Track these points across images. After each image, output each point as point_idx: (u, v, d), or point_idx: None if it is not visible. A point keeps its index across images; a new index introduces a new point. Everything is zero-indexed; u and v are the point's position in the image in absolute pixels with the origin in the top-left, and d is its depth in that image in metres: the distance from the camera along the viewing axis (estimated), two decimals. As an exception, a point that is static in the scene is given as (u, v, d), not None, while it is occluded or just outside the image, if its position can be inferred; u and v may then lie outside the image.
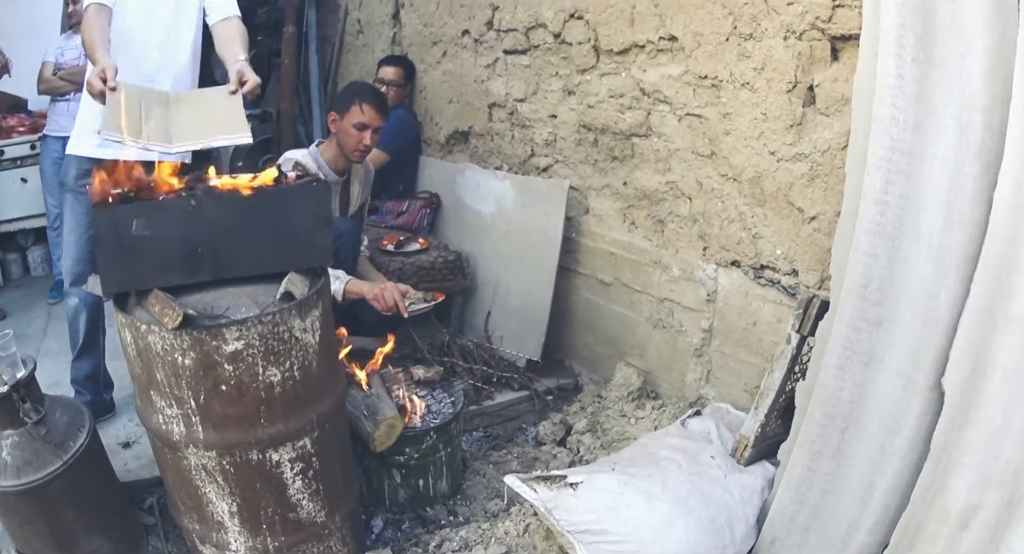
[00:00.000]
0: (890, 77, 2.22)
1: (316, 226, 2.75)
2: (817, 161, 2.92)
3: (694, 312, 3.61)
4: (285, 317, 2.47)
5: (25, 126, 7.08)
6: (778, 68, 3.02)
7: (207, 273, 2.65)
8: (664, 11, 3.51)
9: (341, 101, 4.03)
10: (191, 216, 2.62)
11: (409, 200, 5.44)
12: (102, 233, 2.59)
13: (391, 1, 6.41)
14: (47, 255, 7.25)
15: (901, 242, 2.22)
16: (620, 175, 3.98)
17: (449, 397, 3.45)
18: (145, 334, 2.44)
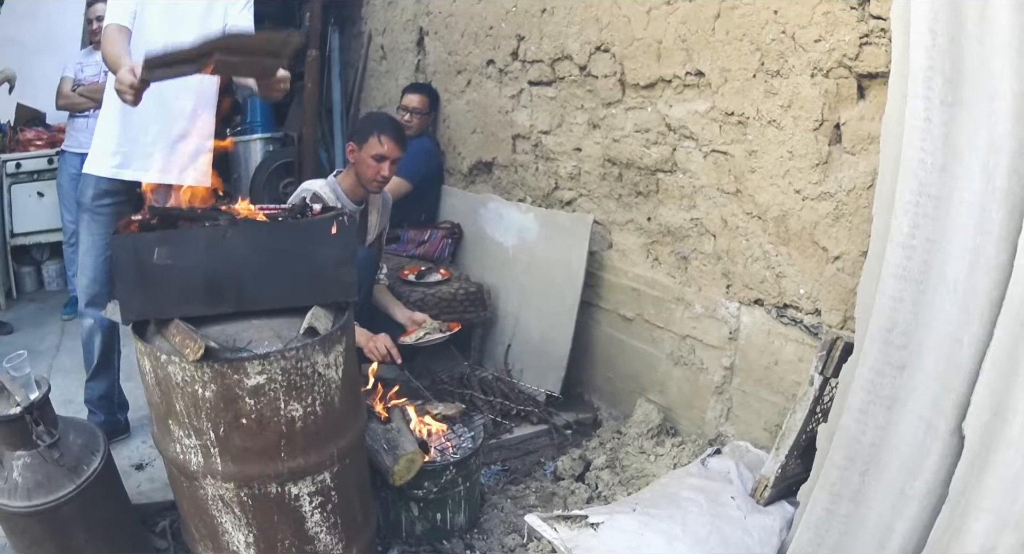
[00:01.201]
0: (918, 120, 2.26)
1: (341, 261, 2.79)
2: (842, 200, 2.95)
3: (716, 350, 3.64)
4: (308, 352, 2.51)
5: (43, 140, 7.22)
6: (805, 106, 3.06)
7: (229, 305, 2.70)
8: (691, 46, 3.56)
9: (359, 131, 4.10)
10: (215, 247, 2.67)
11: (431, 229, 5.50)
12: (122, 260, 2.63)
13: (415, 28, 6.50)
14: (62, 270, 7.30)
15: (927, 286, 2.26)
16: (644, 210, 4.02)
17: (469, 432, 3.49)
18: (165, 364, 2.48)
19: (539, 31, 4.68)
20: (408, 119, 5.67)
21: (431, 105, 5.92)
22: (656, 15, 3.75)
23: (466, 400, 4.08)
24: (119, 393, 4.19)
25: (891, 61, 2.52)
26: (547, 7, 4.60)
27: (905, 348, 2.30)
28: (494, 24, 5.20)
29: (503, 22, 5.07)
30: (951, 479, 2.20)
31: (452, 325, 4.17)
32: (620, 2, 3.98)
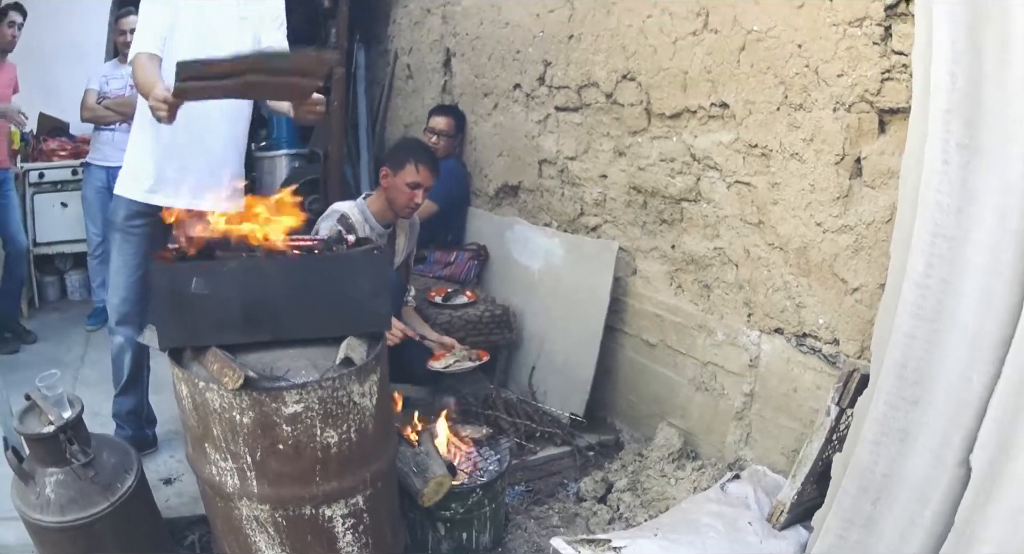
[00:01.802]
0: (936, 162, 2.36)
1: (375, 292, 2.91)
2: (862, 233, 3.06)
3: (736, 376, 3.74)
4: (344, 382, 2.63)
5: (67, 150, 7.32)
6: (827, 140, 3.16)
7: (266, 333, 2.82)
8: (716, 77, 3.66)
9: (395, 157, 4.21)
10: (251, 278, 2.80)
11: (457, 251, 5.61)
12: (161, 289, 2.76)
13: (442, 49, 6.62)
14: (86, 280, 7.37)
15: (940, 325, 2.36)
16: (668, 238, 4.13)
17: (495, 454, 3.61)
18: (203, 391, 2.60)
19: (566, 57, 4.79)
20: (435, 141, 5.78)
21: (458, 127, 6.02)
22: (682, 46, 3.86)
23: (491, 421, 4.19)
24: (147, 408, 4.29)
25: (911, 97, 2.63)
26: (574, 34, 4.70)
27: (918, 384, 2.41)
28: (521, 48, 5.31)
29: (530, 47, 5.18)
30: (957, 509, 2.30)
31: (481, 354, 4.28)
32: (646, 31, 4.08)
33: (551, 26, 4.95)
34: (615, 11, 4.34)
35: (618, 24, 4.32)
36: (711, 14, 3.69)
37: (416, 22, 7.33)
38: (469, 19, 6.14)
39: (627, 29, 4.25)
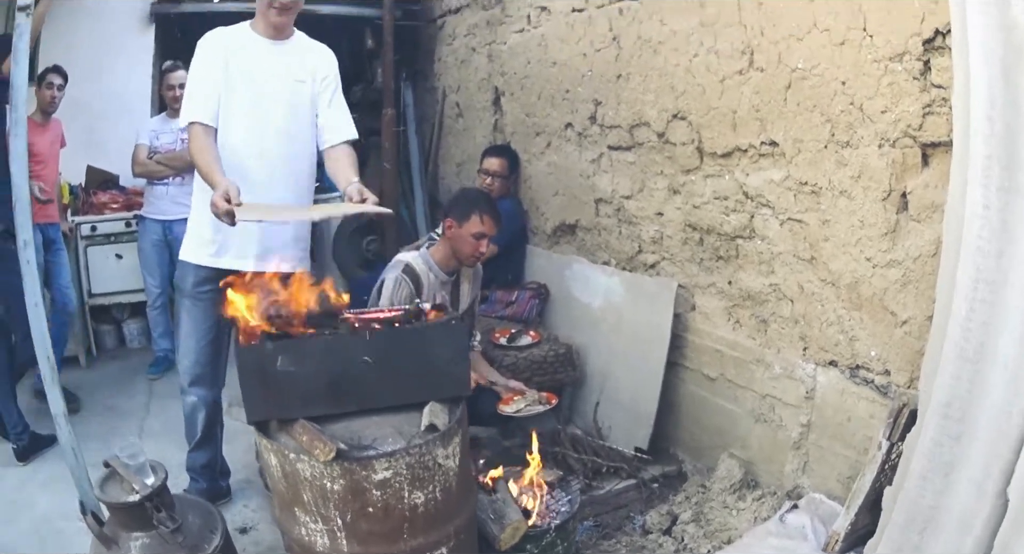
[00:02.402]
0: (977, 207, 2.58)
1: (455, 359, 3.16)
2: (910, 268, 3.28)
3: (794, 408, 3.96)
4: (430, 448, 2.88)
5: (118, 203, 7.44)
6: (873, 176, 3.38)
7: (351, 404, 3.08)
8: (765, 116, 3.90)
9: (459, 208, 4.40)
10: (335, 354, 3.04)
11: (518, 290, 5.86)
12: (247, 368, 3.00)
13: (491, 88, 6.89)
14: (144, 328, 7.56)
15: (982, 366, 2.59)
16: (725, 274, 4.37)
17: (566, 496, 3.84)
18: (293, 461, 2.85)
19: (616, 97, 5.04)
20: (489, 183, 6.03)
21: (511, 167, 6.25)
22: (729, 85, 4.10)
23: (559, 458, 4.45)
24: (221, 461, 4.52)
25: (952, 131, 2.86)
26: (622, 73, 4.95)
27: (961, 421, 2.65)
28: (570, 88, 5.57)
29: (579, 86, 5.45)
30: (995, 536, 2.54)
31: (550, 398, 4.48)
32: (694, 71, 4.33)
33: (599, 65, 5.21)
34: (662, 50, 4.57)
35: (665, 63, 4.55)
36: (756, 53, 3.92)
37: (462, 61, 7.58)
38: (516, 58, 6.41)
39: (675, 68, 4.48)
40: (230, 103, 3.99)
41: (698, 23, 4.28)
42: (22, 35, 3.62)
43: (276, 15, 3.95)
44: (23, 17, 3.60)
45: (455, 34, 7.92)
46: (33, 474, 5.03)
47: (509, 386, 4.58)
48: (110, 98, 7.87)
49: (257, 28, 4.06)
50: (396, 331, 3.16)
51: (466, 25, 7.60)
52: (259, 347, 3.01)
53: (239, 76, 3.99)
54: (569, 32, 5.57)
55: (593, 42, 5.28)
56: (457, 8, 7.81)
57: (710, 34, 4.21)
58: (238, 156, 3.97)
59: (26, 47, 3.64)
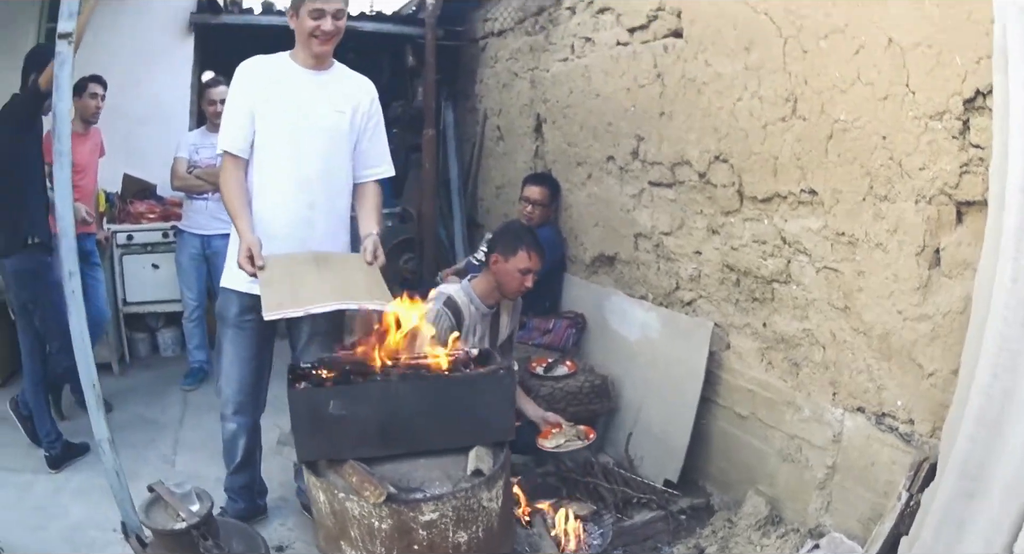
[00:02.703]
0: (1006, 279, 2.73)
1: (501, 407, 3.38)
2: (939, 322, 3.42)
3: (820, 450, 4.12)
4: (476, 491, 3.09)
5: (155, 213, 7.62)
6: (909, 231, 3.52)
7: (400, 447, 3.29)
8: (806, 165, 4.05)
9: (505, 244, 4.59)
10: (386, 398, 3.25)
11: (555, 319, 6.04)
12: (300, 410, 3.20)
13: (533, 114, 7.09)
14: (178, 337, 7.77)
15: (1000, 430, 2.77)
16: (760, 316, 4.56)
17: (599, 529, 4.07)
18: (342, 500, 3.07)
19: (659, 134, 5.22)
20: (530, 211, 6.23)
21: (552, 196, 6.43)
22: (772, 131, 4.25)
23: (591, 488, 4.62)
24: (260, 482, 4.69)
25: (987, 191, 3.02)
26: (666, 111, 5.13)
27: (976, 480, 2.83)
28: (613, 121, 5.77)
29: (622, 121, 5.65)
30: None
31: (588, 432, 4.66)
32: (737, 114, 4.48)
33: (642, 101, 5.39)
34: (706, 91, 4.74)
35: (709, 105, 4.71)
36: (799, 101, 4.05)
37: (504, 84, 7.78)
38: (558, 87, 6.61)
39: (718, 110, 4.64)
40: (270, 133, 4.13)
41: (743, 67, 4.43)
42: (63, 64, 3.65)
43: (318, 45, 4.09)
44: (65, 45, 3.63)
45: (497, 57, 8.12)
46: (65, 482, 5.19)
47: (547, 419, 4.75)
48: (148, 106, 8.07)
49: (297, 58, 4.19)
50: (446, 380, 3.35)
51: (509, 49, 7.80)
52: (310, 392, 3.21)
53: (280, 106, 4.12)
54: (613, 65, 5.76)
55: (637, 77, 5.45)
56: (500, 31, 8.02)
57: (755, 79, 4.35)
58: (280, 187, 4.13)
59: (68, 77, 3.69)
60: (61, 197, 3.68)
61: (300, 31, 4.09)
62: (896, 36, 3.46)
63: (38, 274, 5.23)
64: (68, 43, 3.62)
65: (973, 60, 3.12)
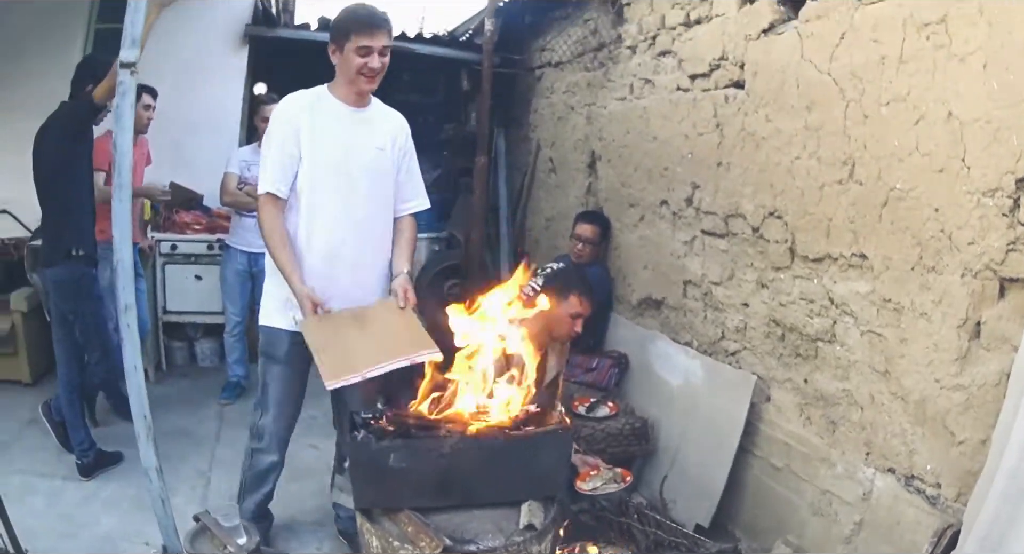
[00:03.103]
0: None
1: (556, 465, 3.62)
2: (974, 393, 3.59)
3: (849, 506, 4.26)
4: (527, 545, 3.32)
5: (201, 224, 7.87)
6: (953, 303, 3.66)
7: (455, 500, 3.52)
8: (858, 229, 4.22)
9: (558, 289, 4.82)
10: (447, 454, 3.46)
11: (599, 357, 6.28)
12: (361, 461, 3.45)
13: (587, 150, 7.34)
14: (217, 348, 8.03)
15: (1021, 507, 3.01)
16: (802, 373, 4.75)
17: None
18: (396, 548, 3.28)
19: (714, 183, 5.45)
20: (581, 248, 6.50)
21: (603, 234, 6.70)
22: (828, 193, 4.43)
23: (623, 528, 4.85)
24: None
25: None
26: (723, 161, 5.36)
27: (995, 552, 3.08)
28: (669, 166, 6.01)
29: (679, 166, 5.88)
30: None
31: (625, 475, 4.85)
32: (794, 173, 4.68)
33: (700, 149, 5.62)
34: (764, 146, 4.95)
35: (767, 160, 4.92)
36: (857, 165, 4.22)
37: (560, 117, 8.03)
38: (615, 125, 6.86)
39: (775, 166, 4.85)
40: (316, 174, 4.29)
41: (803, 126, 4.60)
42: (126, 94, 3.77)
43: (366, 83, 4.29)
44: (127, 74, 3.77)
45: (553, 88, 8.39)
46: (97, 491, 5.42)
47: (586, 461, 4.93)
48: (199, 115, 8.39)
49: (338, 94, 4.37)
50: (507, 439, 3.57)
51: (566, 82, 8.07)
52: (373, 444, 3.44)
53: (325, 145, 4.29)
54: (672, 110, 6.00)
55: (696, 125, 5.68)
56: (558, 63, 8.30)
57: (814, 139, 4.52)
58: (329, 228, 4.34)
59: (130, 107, 3.80)
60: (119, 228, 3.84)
61: (345, 67, 4.28)
62: (956, 110, 3.61)
63: (80, 285, 5.47)
64: (131, 73, 3.77)
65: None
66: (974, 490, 3.30)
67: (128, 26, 3.74)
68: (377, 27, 4.24)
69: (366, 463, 3.43)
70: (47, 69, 7.24)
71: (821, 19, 4.48)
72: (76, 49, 7.94)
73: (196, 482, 5.67)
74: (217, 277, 7.44)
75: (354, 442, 3.44)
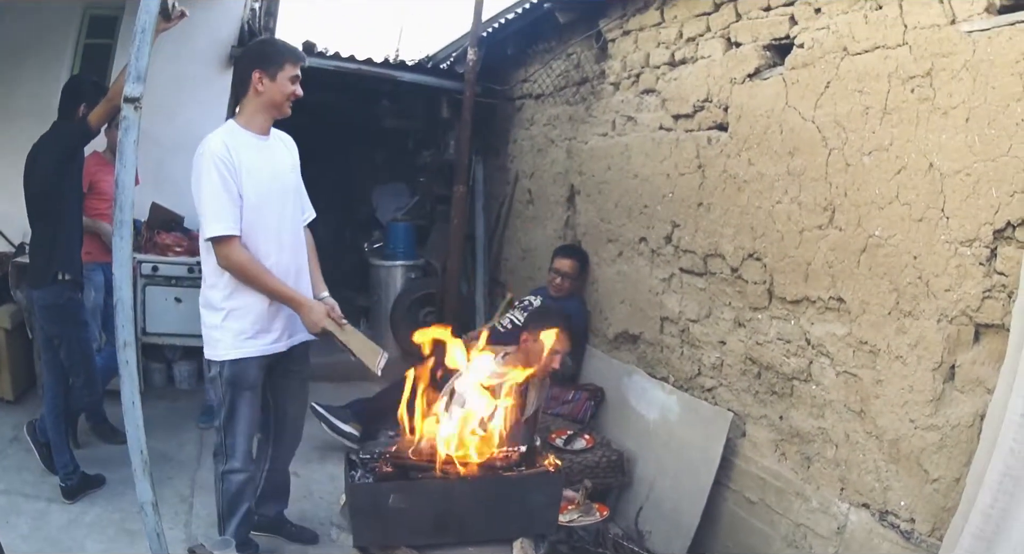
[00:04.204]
0: (1016, 415, 3.08)
1: (548, 504, 3.76)
2: (947, 433, 3.72)
3: (824, 539, 4.37)
4: None
5: (182, 246, 7.85)
6: (929, 348, 3.79)
7: (450, 537, 3.67)
8: (837, 273, 4.35)
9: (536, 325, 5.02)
10: (443, 494, 3.63)
11: (575, 390, 6.38)
12: (360, 502, 3.60)
13: (566, 184, 7.46)
14: (195, 370, 8.06)
15: (995, 545, 3.15)
16: (778, 410, 4.88)
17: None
18: None
19: (695, 223, 5.59)
20: (559, 282, 6.65)
21: (581, 268, 6.83)
22: (808, 238, 4.57)
23: None
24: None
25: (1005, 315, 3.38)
26: (704, 202, 5.50)
27: None
28: (649, 204, 6.14)
29: (659, 204, 6.02)
30: None
31: (602, 510, 4.99)
32: (775, 216, 4.82)
33: (681, 189, 5.76)
34: (745, 189, 5.08)
35: (748, 203, 5.06)
36: (837, 212, 4.35)
37: (539, 149, 8.15)
38: (595, 161, 6.99)
39: (756, 210, 4.99)
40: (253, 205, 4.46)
41: (785, 171, 4.74)
42: (129, 130, 3.80)
43: (287, 109, 4.57)
44: (131, 110, 3.80)
45: (534, 120, 8.52)
46: (81, 515, 5.44)
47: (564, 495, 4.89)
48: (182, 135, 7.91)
49: (249, 125, 4.58)
50: (500, 479, 3.74)
51: (547, 114, 8.20)
52: (373, 487, 3.59)
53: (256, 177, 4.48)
54: (654, 149, 6.14)
55: (678, 165, 5.81)
56: (539, 95, 8.42)
57: (795, 184, 4.66)
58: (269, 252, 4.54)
59: (133, 144, 3.84)
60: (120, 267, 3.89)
61: (275, 94, 4.51)
62: (937, 161, 3.77)
63: (66, 310, 5.53)
64: (135, 108, 3.82)
65: (1008, 192, 3.42)
66: (949, 527, 3.45)
67: (133, 61, 3.83)
68: (302, 59, 4.62)
69: (366, 503, 3.57)
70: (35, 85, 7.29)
71: (807, 67, 4.62)
72: (65, 65, 7.99)
73: (179, 508, 5.70)
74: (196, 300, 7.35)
75: (355, 485, 3.57)
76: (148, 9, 3.83)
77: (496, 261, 9.37)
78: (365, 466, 3.72)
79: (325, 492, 6.02)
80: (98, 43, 7.92)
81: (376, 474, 3.65)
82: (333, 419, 6.72)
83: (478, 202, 9.57)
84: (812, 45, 4.58)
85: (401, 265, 9.31)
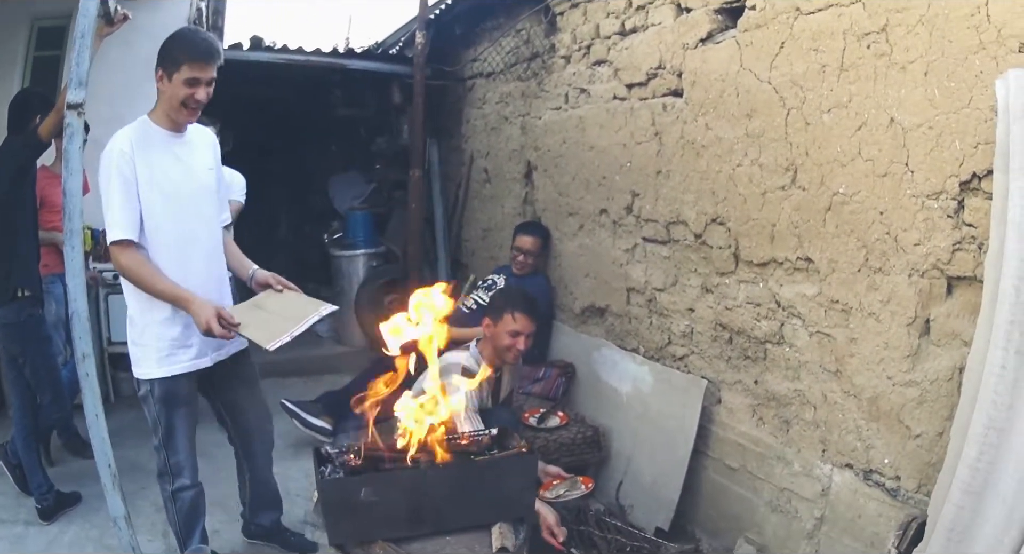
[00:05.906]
0: (995, 367, 3.04)
1: (523, 487, 3.67)
2: (926, 388, 3.71)
3: (809, 502, 4.34)
4: None
5: None
6: (901, 303, 3.79)
7: (427, 527, 3.54)
8: (803, 234, 4.33)
9: (495, 309, 4.86)
10: (415, 484, 3.52)
11: (545, 367, 6.33)
12: (331, 498, 3.47)
13: (523, 160, 7.38)
14: None
15: (984, 498, 3.11)
16: (752, 374, 4.85)
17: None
18: None
19: (655, 192, 5.53)
20: (522, 260, 6.56)
21: (543, 245, 6.76)
22: (771, 199, 4.54)
23: (584, 537, 4.87)
24: None
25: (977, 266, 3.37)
26: (663, 170, 5.45)
27: (961, 543, 3.17)
28: (607, 175, 6.08)
29: (617, 175, 5.96)
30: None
31: (587, 483, 4.88)
32: (736, 180, 4.79)
33: (639, 158, 5.71)
34: (704, 154, 5.04)
35: (707, 168, 5.01)
36: (799, 171, 4.33)
37: (493, 127, 8.08)
38: (551, 135, 6.91)
39: (716, 174, 4.94)
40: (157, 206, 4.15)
41: (744, 133, 4.71)
42: (73, 136, 3.73)
43: (187, 115, 4.21)
44: (74, 116, 3.72)
45: (486, 99, 8.43)
46: (59, 535, 5.28)
47: (547, 471, 4.93)
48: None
49: (161, 122, 4.25)
50: (472, 464, 3.65)
51: (499, 92, 8.12)
52: (343, 481, 3.47)
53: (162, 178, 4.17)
54: (609, 119, 6.08)
55: (634, 134, 5.76)
56: (489, 73, 8.34)
57: (755, 146, 4.63)
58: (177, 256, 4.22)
59: (78, 151, 3.77)
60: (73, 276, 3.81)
61: (171, 96, 4.16)
62: (898, 116, 3.75)
63: (27, 327, 5.36)
64: (78, 114, 3.71)
65: (971, 144, 3.42)
66: (937, 482, 3.41)
67: (74, 66, 3.73)
68: (210, 60, 4.18)
69: (337, 499, 3.46)
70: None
71: (760, 28, 4.57)
72: (15, 78, 7.81)
73: (156, 518, 5.49)
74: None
75: (325, 480, 3.46)
76: (87, 13, 3.73)
77: (457, 242, 9.30)
78: (335, 460, 3.59)
79: (302, 489, 5.89)
80: (47, 55, 7.73)
81: (346, 468, 3.53)
82: (304, 415, 6.60)
83: (435, 185, 9.51)
84: (764, 6, 4.53)
85: (362, 254, 9.15)
